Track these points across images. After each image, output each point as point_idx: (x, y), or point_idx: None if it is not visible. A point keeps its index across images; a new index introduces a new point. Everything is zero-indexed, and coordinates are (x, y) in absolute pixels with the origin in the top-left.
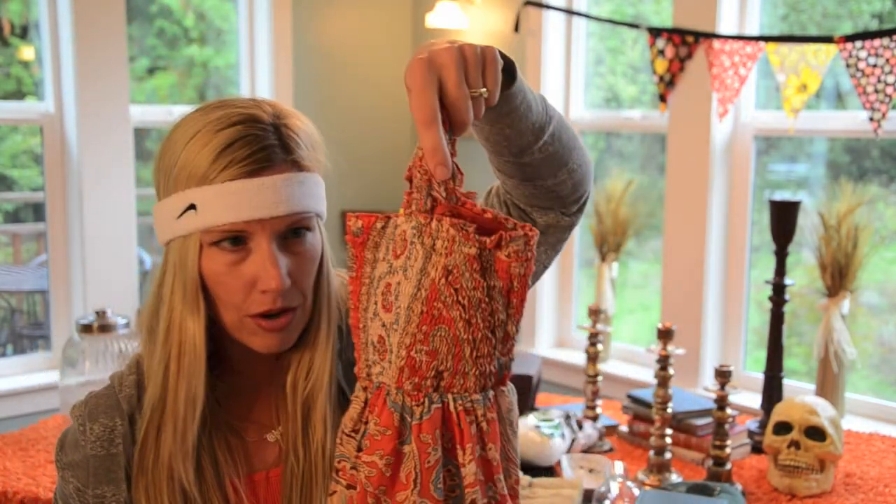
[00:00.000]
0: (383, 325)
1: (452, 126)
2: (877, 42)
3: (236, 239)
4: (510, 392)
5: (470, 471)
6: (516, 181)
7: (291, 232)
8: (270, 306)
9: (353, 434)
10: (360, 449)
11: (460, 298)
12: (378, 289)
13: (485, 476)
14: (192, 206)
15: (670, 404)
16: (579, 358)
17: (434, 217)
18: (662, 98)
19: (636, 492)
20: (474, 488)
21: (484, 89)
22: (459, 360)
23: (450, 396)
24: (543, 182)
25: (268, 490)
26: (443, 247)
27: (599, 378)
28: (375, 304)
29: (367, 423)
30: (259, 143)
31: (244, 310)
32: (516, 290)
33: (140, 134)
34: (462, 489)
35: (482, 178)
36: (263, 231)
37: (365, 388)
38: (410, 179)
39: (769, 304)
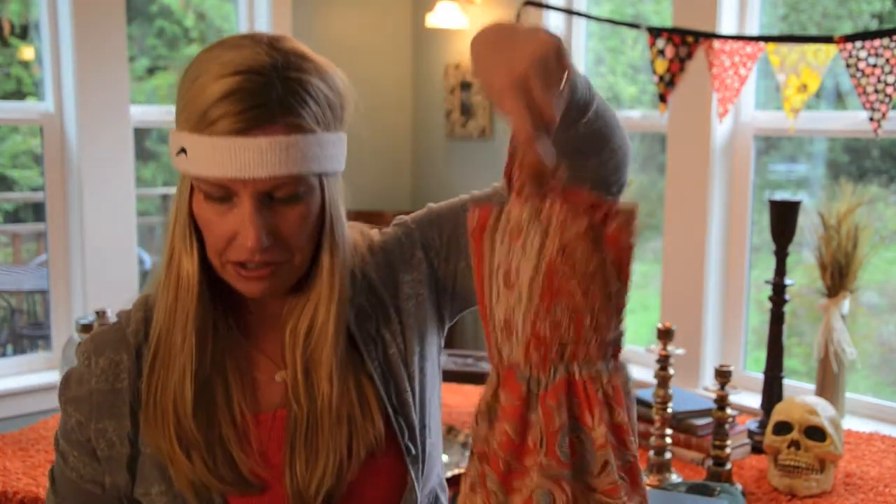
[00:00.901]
0: (508, 306)
1: (544, 126)
2: (877, 42)
3: (222, 192)
4: (626, 366)
5: (600, 433)
6: (561, 161)
7: (279, 194)
8: (248, 257)
9: (486, 413)
10: (491, 424)
11: (577, 272)
12: (499, 275)
13: (616, 439)
14: (184, 150)
15: (670, 404)
16: None
17: (547, 201)
18: (662, 98)
19: None
20: (605, 449)
21: (562, 87)
22: (581, 330)
23: (575, 366)
24: (587, 160)
25: (273, 430)
26: (557, 226)
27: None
28: (497, 289)
29: (499, 399)
30: (254, 100)
31: (226, 256)
32: (625, 260)
33: (140, 134)
34: (593, 452)
35: (482, 177)
36: (246, 190)
37: (497, 370)
38: (510, 176)
39: (769, 304)
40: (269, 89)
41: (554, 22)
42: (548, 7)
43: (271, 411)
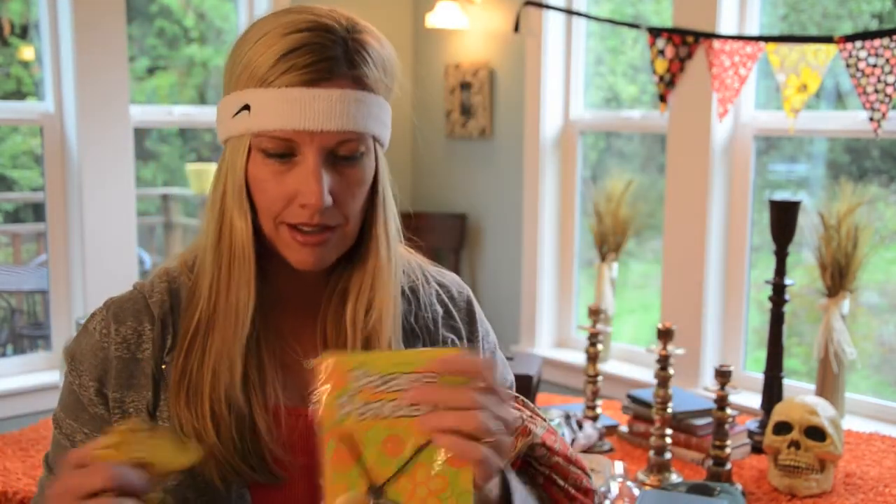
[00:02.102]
0: None
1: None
2: (877, 42)
3: (285, 148)
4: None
5: None
6: None
7: (343, 151)
8: (307, 220)
9: None
10: None
11: None
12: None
13: None
14: (247, 107)
15: (670, 404)
16: (579, 358)
17: None
18: (662, 98)
19: (636, 492)
20: None
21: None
22: None
23: None
24: None
25: (305, 426)
26: None
27: (599, 378)
28: None
29: None
30: (323, 53)
31: (281, 218)
32: None
33: (140, 134)
34: None
35: (482, 177)
36: (312, 144)
37: None
38: None
39: (769, 304)
40: (336, 45)
41: (554, 22)
42: (548, 7)
43: (304, 407)
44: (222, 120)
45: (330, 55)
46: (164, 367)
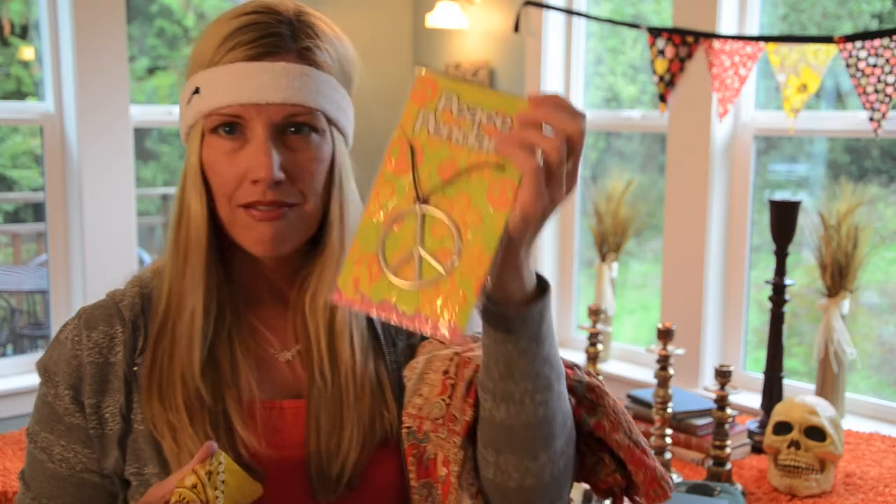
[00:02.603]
0: None
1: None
2: (877, 42)
3: (233, 126)
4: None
5: None
6: (490, 449)
7: (292, 127)
8: (260, 197)
9: None
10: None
11: None
12: None
13: None
14: (197, 91)
15: (670, 404)
16: (579, 358)
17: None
18: (662, 98)
19: None
20: None
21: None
22: None
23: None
24: (520, 457)
25: (280, 419)
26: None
27: (600, 378)
28: None
29: None
30: (268, 30)
31: (235, 200)
32: None
33: (140, 134)
34: None
35: None
36: (259, 118)
37: None
38: None
39: (769, 304)
40: (283, 24)
41: (554, 22)
42: (548, 7)
43: (279, 399)
44: (181, 114)
45: (275, 31)
46: (135, 368)
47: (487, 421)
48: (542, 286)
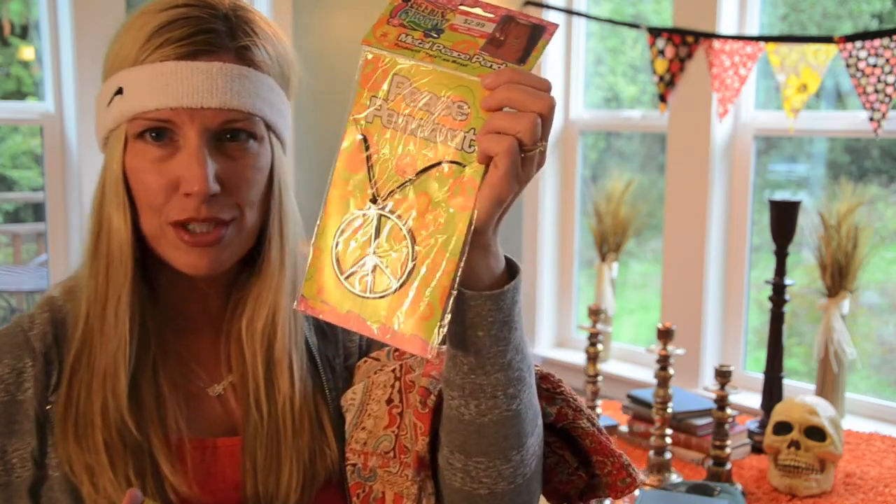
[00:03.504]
0: None
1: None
2: (877, 42)
3: (162, 131)
4: None
5: None
6: (458, 453)
7: (229, 134)
8: (193, 214)
9: None
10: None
11: None
12: None
13: None
14: (120, 91)
15: (670, 404)
16: (579, 358)
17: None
18: (662, 98)
19: (636, 492)
20: None
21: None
22: None
23: None
24: (491, 458)
25: (212, 460)
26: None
27: (599, 378)
28: None
29: None
30: (202, 25)
31: (164, 215)
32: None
33: None
34: None
35: None
36: (192, 123)
37: None
38: None
39: (769, 304)
40: (218, 19)
41: (554, 22)
42: (548, 7)
43: (211, 437)
44: (98, 118)
45: (210, 27)
46: (48, 407)
47: (455, 421)
48: (512, 269)
